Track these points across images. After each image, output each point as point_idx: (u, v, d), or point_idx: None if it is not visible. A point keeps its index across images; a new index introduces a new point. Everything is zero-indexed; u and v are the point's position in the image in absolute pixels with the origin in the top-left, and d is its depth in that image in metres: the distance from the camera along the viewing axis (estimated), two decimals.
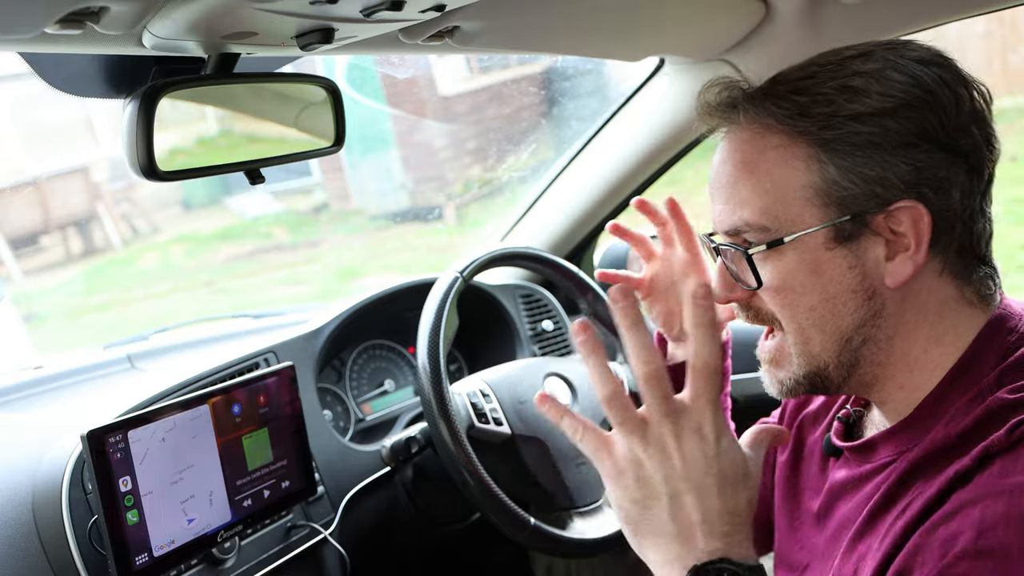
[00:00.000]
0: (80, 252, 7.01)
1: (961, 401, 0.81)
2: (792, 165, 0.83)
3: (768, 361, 0.92)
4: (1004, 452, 0.74)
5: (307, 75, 1.10)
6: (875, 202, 0.81)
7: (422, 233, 6.52)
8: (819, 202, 0.82)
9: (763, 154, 0.84)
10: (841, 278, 0.83)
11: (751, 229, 0.85)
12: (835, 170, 0.81)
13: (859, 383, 0.88)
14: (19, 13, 0.71)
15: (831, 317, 0.84)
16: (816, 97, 0.82)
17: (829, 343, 0.85)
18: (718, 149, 0.90)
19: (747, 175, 0.85)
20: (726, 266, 0.90)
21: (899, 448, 0.85)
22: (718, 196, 0.89)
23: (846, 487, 0.92)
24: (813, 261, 0.83)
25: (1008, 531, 0.69)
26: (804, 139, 0.82)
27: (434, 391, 1.32)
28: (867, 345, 0.85)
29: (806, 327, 0.86)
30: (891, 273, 0.83)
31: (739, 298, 0.91)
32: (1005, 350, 0.82)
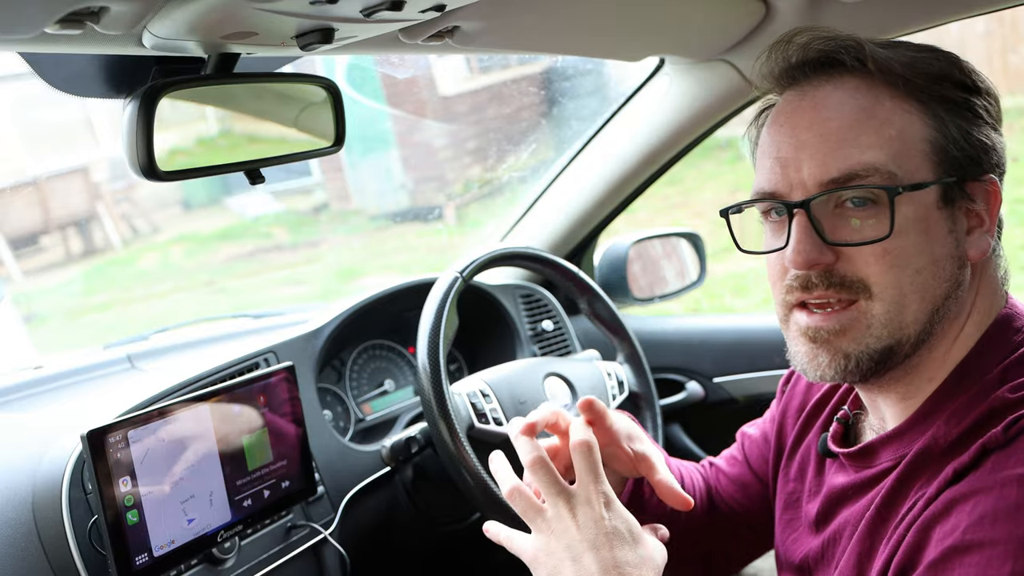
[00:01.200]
0: (80, 252, 7.01)
1: (963, 399, 0.81)
2: (911, 117, 0.81)
3: (835, 333, 0.82)
4: (999, 448, 0.74)
5: (307, 75, 1.10)
6: (976, 170, 0.82)
7: (422, 233, 6.52)
8: (936, 158, 0.81)
9: (880, 102, 0.82)
10: (944, 241, 0.81)
11: (876, 174, 0.79)
12: (955, 129, 0.81)
13: (904, 368, 0.84)
14: (19, 13, 0.71)
15: (932, 282, 0.81)
16: (919, 58, 0.83)
17: (922, 312, 0.81)
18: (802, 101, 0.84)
19: (867, 121, 0.81)
20: (813, 226, 0.81)
21: (899, 452, 0.85)
22: (817, 144, 0.81)
23: (847, 493, 0.91)
24: (925, 219, 0.81)
25: (996, 524, 0.70)
26: (919, 95, 0.82)
27: (434, 391, 1.32)
28: (942, 321, 0.82)
29: (908, 292, 0.80)
30: (973, 245, 0.83)
31: (826, 262, 0.81)
32: (1010, 348, 0.82)
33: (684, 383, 1.91)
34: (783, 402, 1.12)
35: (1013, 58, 6.42)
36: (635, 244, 1.99)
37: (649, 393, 1.60)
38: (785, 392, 1.13)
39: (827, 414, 1.02)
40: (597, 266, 2.01)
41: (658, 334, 1.98)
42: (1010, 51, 6.43)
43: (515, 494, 0.93)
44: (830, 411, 1.02)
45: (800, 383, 1.11)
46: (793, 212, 0.82)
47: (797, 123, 0.84)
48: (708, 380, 1.91)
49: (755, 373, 1.86)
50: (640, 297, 2.00)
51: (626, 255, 1.96)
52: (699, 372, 1.92)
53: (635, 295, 1.98)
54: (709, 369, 1.91)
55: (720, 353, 1.91)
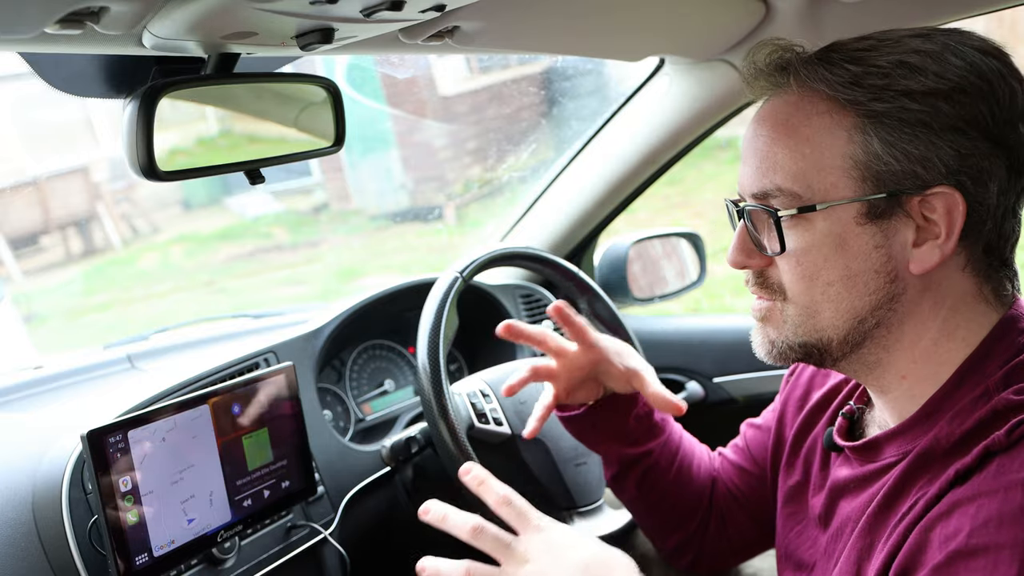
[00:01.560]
0: (80, 252, 7.01)
1: (966, 400, 0.81)
2: (835, 133, 0.81)
3: (761, 319, 0.91)
4: (1003, 451, 0.74)
5: (307, 75, 1.10)
6: (914, 183, 0.80)
7: (422, 233, 6.52)
8: (856, 175, 0.81)
9: (807, 119, 0.83)
10: (866, 256, 0.82)
11: (781, 194, 0.83)
12: (879, 144, 0.80)
13: (861, 363, 0.87)
14: (19, 13, 0.71)
15: (847, 295, 0.83)
16: (870, 69, 0.81)
17: (839, 320, 0.84)
18: (758, 111, 0.89)
19: (786, 138, 0.83)
20: (748, 231, 0.89)
21: (903, 448, 0.85)
22: (750, 158, 0.87)
23: (849, 486, 0.91)
24: (841, 235, 0.82)
25: (1001, 528, 0.70)
26: (852, 109, 0.81)
27: (434, 391, 1.32)
28: (879, 328, 0.84)
29: (819, 301, 0.84)
30: (917, 259, 0.82)
31: (755, 265, 0.89)
32: (1014, 350, 0.82)
33: (684, 383, 1.91)
34: (785, 393, 1.13)
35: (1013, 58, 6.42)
36: (635, 244, 1.99)
37: None
38: (788, 383, 1.14)
39: (833, 408, 1.03)
40: (597, 266, 2.01)
41: (658, 334, 1.98)
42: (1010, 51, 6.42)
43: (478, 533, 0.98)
44: (837, 405, 1.02)
45: (803, 375, 1.11)
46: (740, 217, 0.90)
47: (747, 134, 0.89)
48: (708, 380, 1.91)
49: (755, 373, 1.86)
50: (640, 297, 2.00)
51: (626, 255, 1.96)
52: (699, 372, 1.92)
53: (635, 295, 1.98)
54: (709, 369, 1.91)
55: (720, 353, 1.91)
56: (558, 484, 1.43)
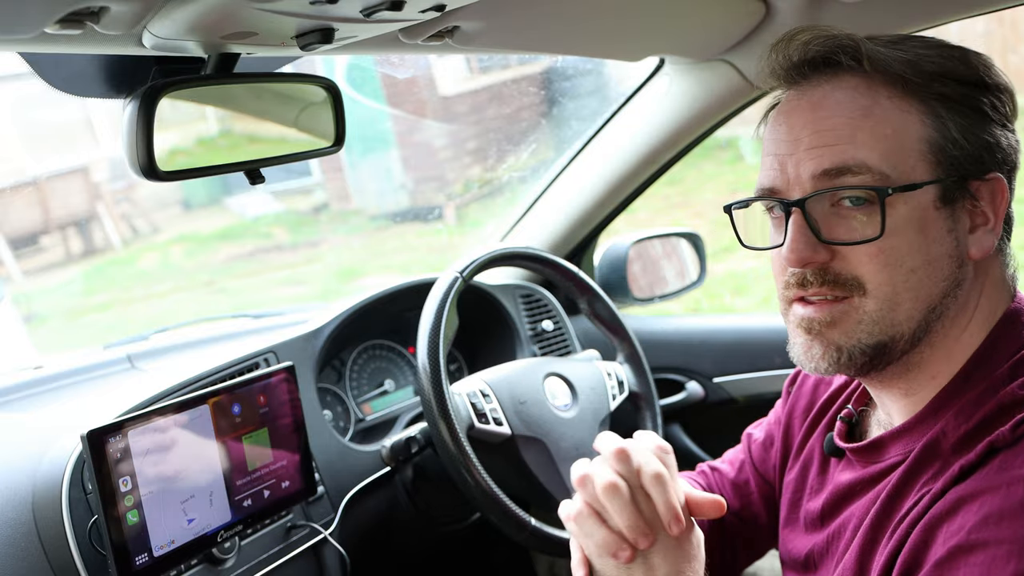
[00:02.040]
0: (80, 252, 7.01)
1: (972, 395, 0.81)
2: (908, 117, 0.81)
3: (826, 325, 0.83)
4: (1007, 447, 0.74)
5: (307, 75, 1.10)
6: (978, 168, 0.82)
7: (422, 233, 6.52)
8: (933, 158, 0.81)
9: (877, 102, 0.81)
10: (943, 240, 0.81)
11: (867, 172, 0.79)
12: (954, 127, 0.81)
13: (904, 365, 0.84)
14: (19, 13, 0.71)
15: (927, 281, 0.81)
16: (922, 55, 0.81)
17: (916, 310, 0.81)
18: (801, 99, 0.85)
19: (862, 119, 0.81)
20: (807, 223, 0.82)
21: (908, 447, 0.84)
22: (813, 140, 0.82)
23: (854, 489, 0.91)
24: (922, 218, 0.81)
25: (1001, 524, 0.70)
26: (918, 94, 0.81)
27: (434, 391, 1.32)
28: (940, 320, 0.82)
29: (902, 290, 0.81)
30: (976, 244, 0.83)
31: (821, 260, 0.82)
32: (1019, 345, 0.82)
33: (684, 383, 1.91)
34: (789, 403, 1.12)
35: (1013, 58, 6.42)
36: (635, 244, 1.99)
37: (649, 393, 1.60)
38: (791, 393, 1.12)
39: (832, 413, 1.02)
40: (597, 266, 2.01)
41: (658, 334, 1.98)
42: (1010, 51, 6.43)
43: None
44: (835, 410, 1.02)
45: (807, 384, 1.10)
46: (790, 210, 0.83)
47: (794, 122, 0.84)
48: (708, 380, 1.91)
49: (755, 373, 1.86)
50: (640, 297, 2.00)
51: (626, 255, 1.96)
52: (699, 372, 1.92)
53: (635, 295, 1.98)
54: (709, 369, 1.91)
55: (720, 353, 1.91)
56: (558, 484, 1.42)
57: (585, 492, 0.85)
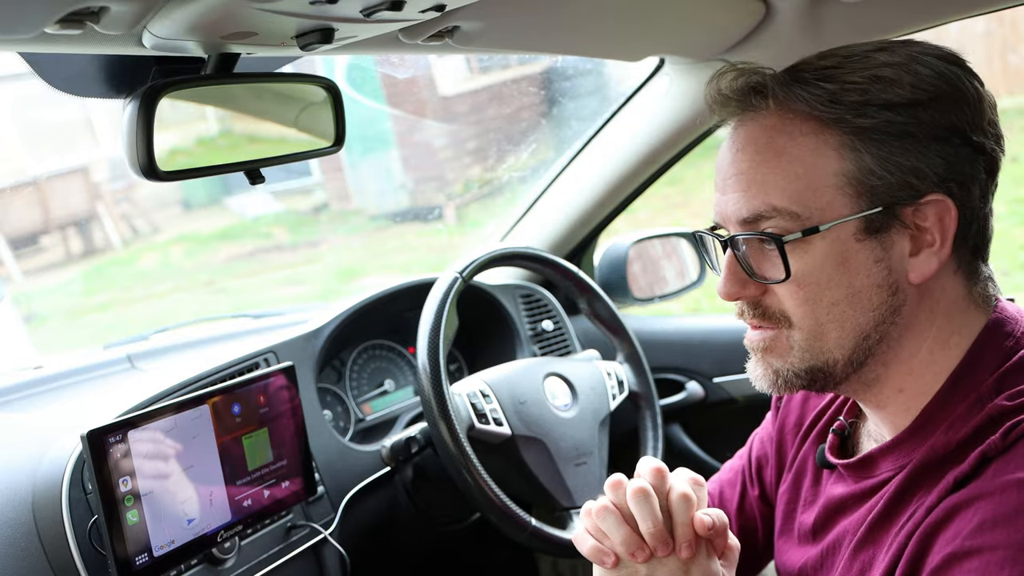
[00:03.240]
0: (80, 252, 7.00)
1: (960, 407, 0.81)
2: (824, 152, 0.81)
3: (763, 350, 0.88)
4: (1000, 455, 0.74)
5: (307, 75, 1.10)
6: (907, 193, 0.80)
7: (422, 233, 6.51)
8: (852, 191, 0.81)
9: (793, 140, 0.82)
10: (868, 272, 0.82)
11: (778, 215, 0.82)
12: (871, 158, 0.80)
13: (860, 382, 0.86)
14: (19, 13, 0.71)
15: (852, 313, 0.82)
16: (846, 85, 0.80)
17: (845, 339, 0.83)
18: (731, 137, 0.87)
19: (775, 160, 0.82)
20: (737, 261, 0.86)
21: (899, 462, 0.84)
22: (734, 183, 0.85)
23: (846, 503, 0.90)
24: (842, 253, 0.81)
25: (996, 529, 0.70)
26: (836, 127, 0.81)
27: (434, 391, 1.32)
28: (881, 343, 0.83)
29: (825, 322, 0.83)
30: (915, 268, 0.82)
31: (751, 295, 0.87)
32: (1003, 355, 0.82)
33: (684, 383, 1.91)
34: (779, 418, 1.11)
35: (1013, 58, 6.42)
36: (635, 244, 1.99)
37: (649, 393, 1.60)
38: (780, 408, 1.12)
39: (823, 425, 1.01)
40: (597, 266, 2.01)
41: (658, 334, 1.98)
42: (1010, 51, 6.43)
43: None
44: (826, 422, 1.01)
45: (795, 398, 1.09)
46: (725, 247, 0.87)
47: (723, 161, 0.87)
48: (708, 380, 1.91)
49: None
50: (640, 297, 2.00)
51: (626, 255, 1.96)
52: (699, 372, 1.92)
53: (635, 295, 1.98)
54: (709, 369, 1.91)
55: (720, 353, 1.91)
56: (558, 484, 1.43)
57: (615, 495, 0.88)
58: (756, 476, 1.15)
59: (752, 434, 1.21)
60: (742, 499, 1.17)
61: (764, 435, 1.16)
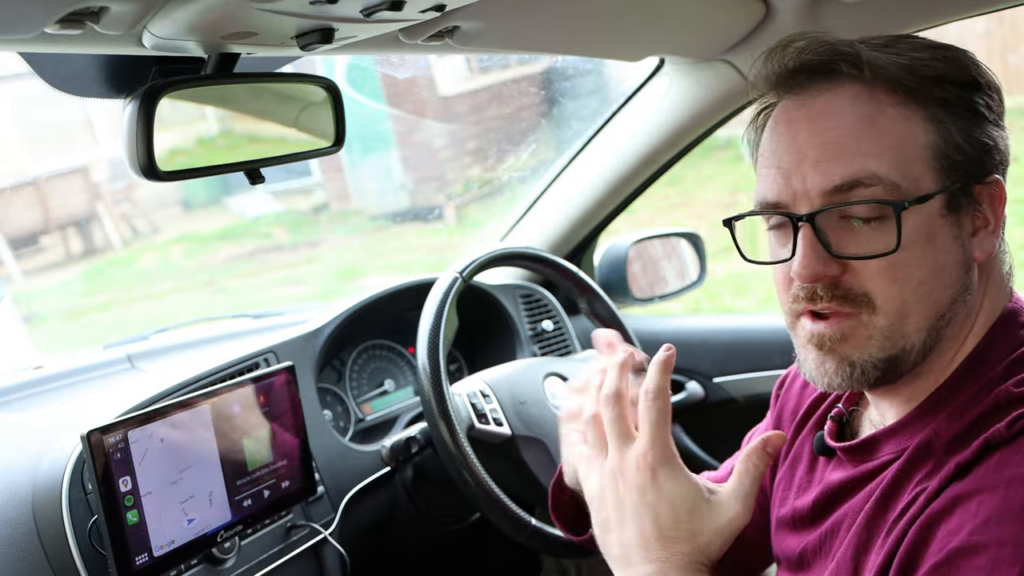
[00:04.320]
0: (80, 252, 7.01)
1: (966, 394, 0.80)
2: (913, 124, 0.79)
3: (837, 340, 0.81)
4: (1004, 444, 0.73)
5: (307, 75, 1.10)
6: (979, 172, 0.81)
7: (422, 233, 6.52)
8: (938, 165, 0.79)
9: (881, 110, 0.79)
10: (949, 248, 0.80)
11: (879, 184, 0.77)
12: (956, 132, 0.79)
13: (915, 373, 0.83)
14: (19, 13, 0.71)
15: (937, 290, 0.79)
16: (917, 60, 0.80)
17: (925, 320, 0.80)
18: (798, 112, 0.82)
19: (867, 129, 0.79)
20: (818, 237, 0.80)
21: (900, 445, 0.84)
22: (818, 154, 0.79)
23: (846, 488, 0.90)
24: (929, 228, 0.79)
25: (1002, 525, 0.69)
26: (919, 100, 0.79)
27: (434, 391, 1.32)
28: (950, 325, 0.81)
29: (911, 303, 0.79)
30: (979, 246, 0.82)
31: (832, 275, 0.80)
32: (1016, 343, 0.82)
33: (684, 383, 1.91)
34: (777, 408, 1.11)
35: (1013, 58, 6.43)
36: (635, 244, 1.99)
37: None
38: (779, 398, 1.11)
39: (821, 413, 1.01)
40: (597, 266, 2.01)
41: (658, 334, 1.98)
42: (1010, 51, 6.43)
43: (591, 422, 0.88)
44: (824, 410, 1.01)
45: (793, 387, 1.09)
46: (799, 225, 0.81)
47: (796, 133, 0.82)
48: (708, 380, 1.91)
49: (755, 373, 1.86)
50: (640, 297, 2.00)
51: (626, 255, 1.96)
52: (699, 372, 1.92)
53: (635, 295, 1.98)
54: (709, 369, 1.91)
55: (720, 353, 1.91)
56: None
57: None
58: None
59: (750, 431, 1.22)
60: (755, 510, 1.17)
61: (762, 428, 1.16)
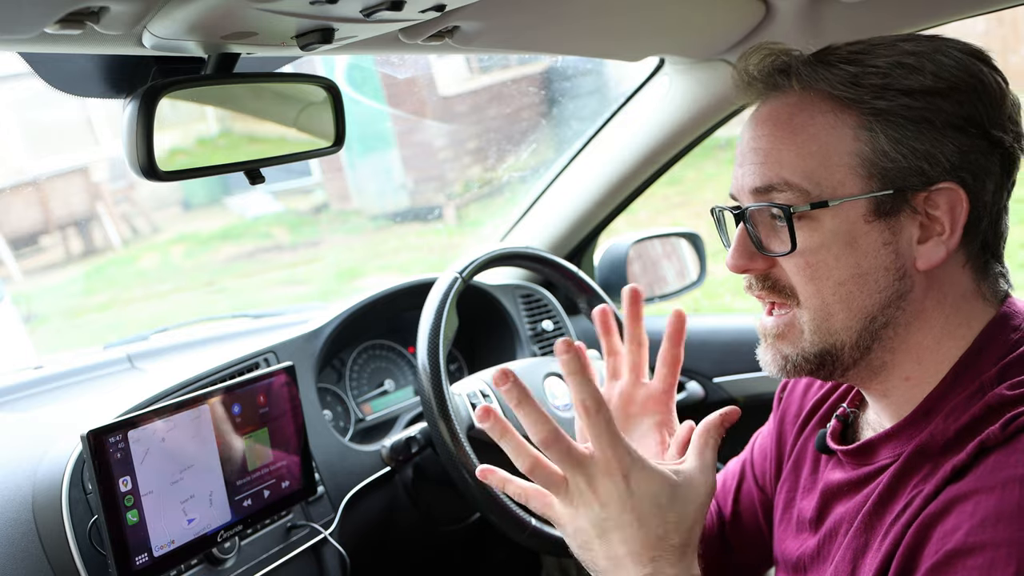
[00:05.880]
0: (80, 252, 7.01)
1: (961, 397, 0.81)
2: (841, 132, 0.82)
3: (774, 336, 0.89)
4: (999, 447, 0.74)
5: (307, 75, 1.10)
6: (919, 179, 0.81)
7: (422, 233, 6.52)
8: (864, 172, 0.82)
9: (812, 119, 0.83)
10: (875, 254, 0.83)
11: (789, 189, 0.83)
12: (885, 140, 0.81)
13: (868, 368, 0.87)
14: (19, 13, 0.71)
15: (859, 294, 0.83)
16: (868, 69, 0.82)
17: (852, 320, 0.84)
18: (754, 113, 0.89)
19: (791, 136, 0.84)
20: (748, 233, 0.88)
21: (898, 449, 0.85)
22: (751, 156, 0.87)
23: (843, 489, 0.91)
24: (850, 232, 0.82)
25: (999, 526, 0.69)
26: (855, 108, 0.82)
27: (434, 391, 1.32)
28: (887, 328, 0.84)
29: (831, 302, 0.84)
30: (923, 255, 0.83)
31: (759, 268, 0.88)
32: (1008, 347, 0.82)
33: (684, 383, 1.91)
34: (780, 411, 1.12)
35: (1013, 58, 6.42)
36: (635, 244, 1.99)
37: None
38: (781, 400, 1.12)
39: (824, 412, 1.02)
40: (597, 266, 2.01)
41: (658, 334, 1.98)
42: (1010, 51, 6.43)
43: (535, 468, 0.88)
44: (828, 409, 1.02)
45: (796, 390, 1.10)
46: (737, 219, 0.89)
47: (744, 136, 0.89)
48: (708, 380, 1.91)
49: (755, 373, 1.86)
50: None
51: (626, 255, 1.96)
52: (699, 372, 1.92)
53: None
54: (709, 369, 1.91)
55: (720, 353, 1.91)
56: None
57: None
58: (757, 469, 1.16)
59: (755, 433, 1.22)
60: (739, 486, 1.18)
61: (765, 431, 1.17)
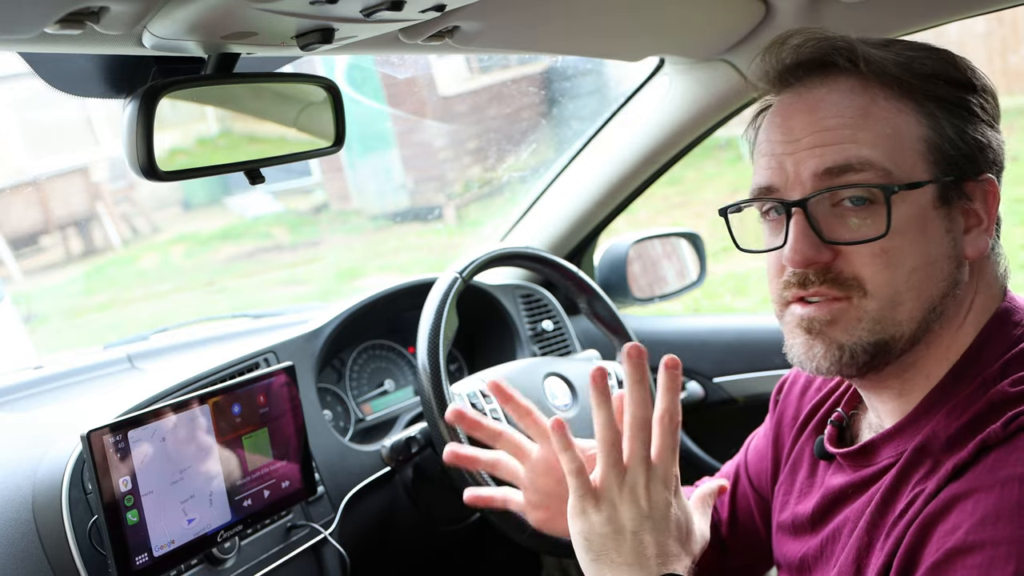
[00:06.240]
0: (80, 252, 7.01)
1: (963, 394, 0.81)
2: (906, 117, 0.81)
3: (826, 322, 0.82)
4: (999, 445, 0.74)
5: (307, 75, 1.10)
6: (972, 168, 0.82)
7: (422, 233, 6.53)
8: (931, 158, 0.81)
9: (875, 102, 0.82)
10: (941, 241, 0.81)
11: (870, 170, 0.79)
12: (950, 128, 0.81)
13: (899, 366, 0.84)
14: (19, 13, 0.71)
15: (927, 282, 0.81)
16: (915, 59, 0.82)
17: (917, 311, 0.81)
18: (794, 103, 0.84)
19: (861, 118, 0.81)
20: (809, 223, 0.81)
21: (899, 449, 0.84)
22: (812, 140, 0.81)
23: (846, 492, 0.90)
24: (923, 218, 0.80)
25: (998, 524, 0.69)
26: (913, 95, 0.81)
27: (434, 391, 1.32)
28: (939, 319, 0.82)
29: (903, 290, 0.80)
30: (971, 244, 0.83)
31: (824, 260, 0.81)
32: (1011, 342, 0.82)
33: (684, 383, 1.91)
34: (777, 413, 1.11)
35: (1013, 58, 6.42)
36: (635, 244, 1.99)
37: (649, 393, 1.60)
38: (778, 403, 1.11)
39: (820, 417, 1.01)
40: (597, 266, 2.01)
41: (658, 334, 1.98)
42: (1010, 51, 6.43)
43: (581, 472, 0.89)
44: (823, 415, 1.01)
45: (792, 393, 1.09)
46: (791, 211, 0.82)
47: (793, 123, 0.84)
48: (708, 380, 1.91)
49: (755, 373, 1.86)
50: (640, 297, 2.00)
51: (626, 255, 1.96)
52: (699, 372, 1.92)
53: (635, 295, 1.98)
54: (709, 369, 1.91)
55: (720, 353, 1.91)
56: None
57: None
58: (752, 471, 1.16)
59: (750, 435, 1.22)
60: (734, 488, 1.17)
61: (761, 432, 1.16)
